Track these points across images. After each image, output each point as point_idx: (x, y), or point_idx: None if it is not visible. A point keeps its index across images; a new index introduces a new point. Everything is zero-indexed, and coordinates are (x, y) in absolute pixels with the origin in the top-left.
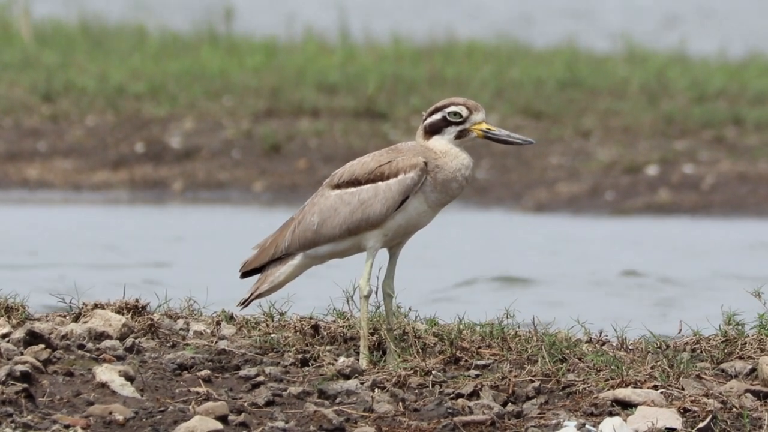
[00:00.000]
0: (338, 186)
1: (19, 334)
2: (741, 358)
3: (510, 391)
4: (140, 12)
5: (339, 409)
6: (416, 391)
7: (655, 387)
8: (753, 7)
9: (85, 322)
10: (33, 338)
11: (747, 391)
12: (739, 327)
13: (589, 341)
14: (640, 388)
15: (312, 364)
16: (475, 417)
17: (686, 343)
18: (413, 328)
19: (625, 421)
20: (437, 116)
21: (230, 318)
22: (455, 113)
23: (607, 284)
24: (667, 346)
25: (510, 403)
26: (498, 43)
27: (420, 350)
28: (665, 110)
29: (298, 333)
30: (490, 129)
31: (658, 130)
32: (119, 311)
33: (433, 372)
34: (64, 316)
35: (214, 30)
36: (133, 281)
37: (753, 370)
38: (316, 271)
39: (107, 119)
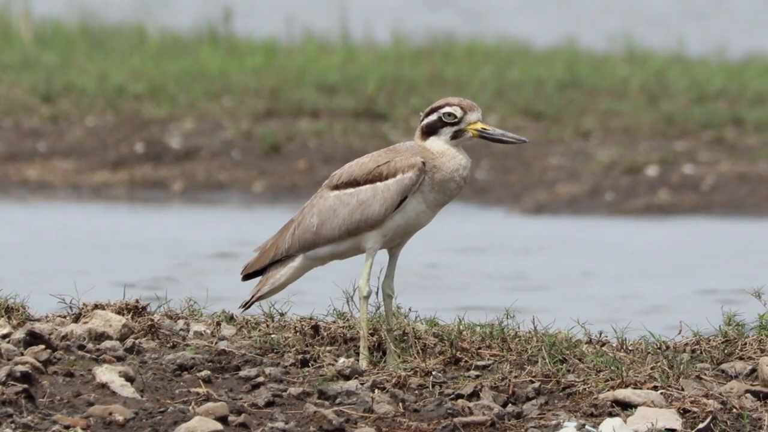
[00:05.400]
0: (337, 187)
1: (19, 334)
2: (741, 358)
3: (510, 392)
4: (140, 12)
5: (339, 410)
6: (416, 391)
7: (655, 388)
8: (752, 7)
9: (86, 323)
10: (33, 339)
11: (747, 391)
12: (739, 327)
13: (589, 342)
14: (640, 388)
15: (312, 365)
16: (475, 418)
17: (686, 344)
18: (413, 328)
19: (624, 421)
20: (433, 117)
21: (230, 318)
22: (450, 114)
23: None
24: (667, 347)
25: (510, 404)
26: (498, 43)
27: (420, 351)
28: (665, 111)
29: (298, 333)
30: (485, 129)
31: (658, 130)
32: (119, 312)
33: (433, 373)
34: (65, 317)
35: (214, 30)
36: (134, 281)
37: (753, 370)
38: (316, 272)
39: (107, 120)
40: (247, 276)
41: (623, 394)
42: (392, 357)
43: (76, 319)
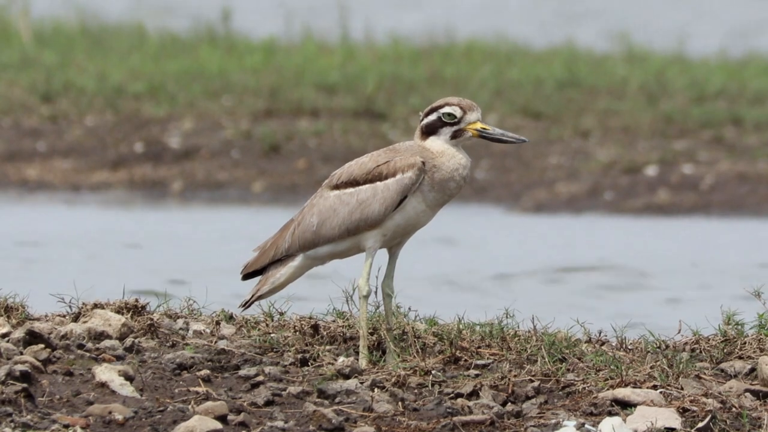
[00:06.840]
0: (337, 186)
1: (18, 333)
2: (740, 357)
3: (509, 391)
4: (139, 12)
5: (338, 409)
6: (416, 390)
7: (655, 387)
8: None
9: (85, 322)
10: (33, 338)
11: (746, 390)
12: (739, 327)
13: (589, 341)
14: (640, 387)
15: (311, 364)
16: (475, 417)
17: (686, 343)
18: (413, 327)
19: (624, 420)
20: (432, 117)
21: (230, 318)
22: (449, 114)
23: None
24: (667, 346)
25: (509, 403)
26: (497, 42)
27: (419, 350)
28: (664, 110)
29: (297, 333)
30: (484, 128)
31: (658, 130)
32: (119, 311)
33: (433, 372)
34: (64, 316)
35: (213, 30)
36: (133, 281)
37: (752, 369)
38: (316, 272)
39: (106, 119)
40: (247, 275)
41: (623, 393)
42: (392, 356)
43: (76, 318)
